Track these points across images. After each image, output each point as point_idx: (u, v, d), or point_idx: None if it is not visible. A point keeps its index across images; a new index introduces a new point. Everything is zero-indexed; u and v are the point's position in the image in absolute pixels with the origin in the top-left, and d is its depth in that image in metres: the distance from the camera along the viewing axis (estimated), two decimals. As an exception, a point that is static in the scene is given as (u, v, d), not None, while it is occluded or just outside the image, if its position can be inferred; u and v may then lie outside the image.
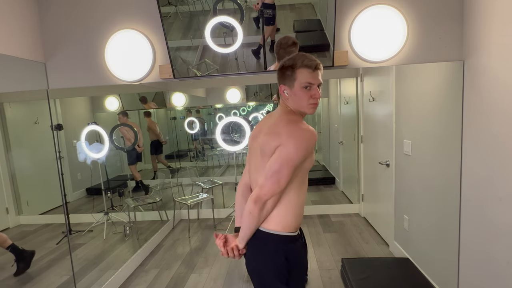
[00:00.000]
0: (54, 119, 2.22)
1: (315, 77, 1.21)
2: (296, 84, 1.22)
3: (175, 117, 4.72)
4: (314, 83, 1.21)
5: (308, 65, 1.20)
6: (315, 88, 1.22)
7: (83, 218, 3.51)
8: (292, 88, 1.23)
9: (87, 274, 2.68)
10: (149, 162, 4.64)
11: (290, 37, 1.29)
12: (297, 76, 1.21)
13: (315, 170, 5.17)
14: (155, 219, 3.88)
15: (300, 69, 1.20)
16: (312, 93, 1.22)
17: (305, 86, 1.21)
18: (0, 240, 2.59)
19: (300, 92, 1.22)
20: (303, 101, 1.23)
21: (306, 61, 1.20)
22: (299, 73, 1.20)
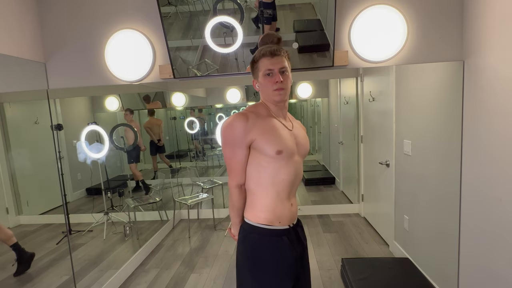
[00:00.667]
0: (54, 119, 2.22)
1: (274, 62, 1.23)
2: (260, 74, 1.27)
3: (175, 117, 4.72)
4: (274, 68, 1.23)
5: (265, 53, 1.24)
6: (276, 73, 1.23)
7: (83, 218, 3.51)
8: (258, 79, 1.28)
9: (87, 274, 2.68)
10: (149, 162, 4.64)
11: (273, 34, 1.31)
12: (259, 66, 1.26)
13: (315, 170, 5.17)
14: (155, 219, 3.88)
15: (260, 59, 1.25)
16: (274, 78, 1.24)
17: (267, 74, 1.25)
18: (6, 236, 2.59)
19: (263, 80, 1.26)
20: (268, 88, 1.26)
21: (263, 50, 1.25)
22: (260, 63, 1.25)
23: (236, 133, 1.22)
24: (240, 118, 1.23)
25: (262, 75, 1.26)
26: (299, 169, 1.33)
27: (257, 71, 1.27)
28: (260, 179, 1.26)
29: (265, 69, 1.24)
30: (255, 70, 1.29)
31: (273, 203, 1.27)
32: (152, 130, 4.45)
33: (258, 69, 1.27)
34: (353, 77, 3.80)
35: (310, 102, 5.49)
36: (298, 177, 1.33)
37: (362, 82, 3.62)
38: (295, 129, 1.36)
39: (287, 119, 1.37)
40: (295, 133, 1.34)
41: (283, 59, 1.25)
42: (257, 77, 1.29)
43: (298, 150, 1.33)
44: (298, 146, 1.33)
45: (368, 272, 2.34)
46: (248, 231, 1.29)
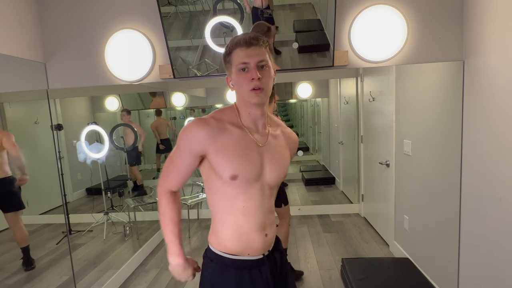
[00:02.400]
0: (54, 119, 2.22)
1: (250, 54, 0.96)
2: (233, 69, 0.99)
3: (175, 117, 4.72)
4: (249, 61, 0.96)
5: (238, 42, 0.97)
6: (252, 68, 0.96)
7: (83, 218, 3.51)
8: (231, 75, 1.01)
9: (87, 274, 2.68)
10: (149, 162, 4.64)
11: (264, 23, 1.13)
12: (232, 59, 0.99)
13: (315, 170, 5.17)
14: (155, 219, 3.88)
15: (233, 50, 0.98)
16: (249, 74, 0.96)
17: (241, 68, 0.97)
18: (23, 236, 2.67)
19: (237, 77, 0.99)
20: (242, 88, 0.98)
21: (237, 39, 0.98)
22: (233, 56, 0.98)
23: (188, 139, 1.01)
24: (198, 125, 0.99)
25: (236, 71, 0.98)
26: (264, 199, 1.06)
27: (230, 65, 1.00)
28: (217, 202, 1.07)
29: (238, 63, 0.97)
30: (227, 64, 1.01)
31: (236, 234, 1.05)
32: (158, 130, 4.46)
33: (231, 63, 0.99)
34: (353, 77, 3.79)
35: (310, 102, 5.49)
36: (264, 208, 1.06)
37: (362, 82, 3.62)
38: (270, 145, 1.07)
39: (264, 129, 1.07)
40: (268, 151, 1.05)
41: (262, 50, 0.97)
42: (231, 73, 1.01)
43: (265, 175, 1.04)
44: (266, 169, 1.04)
45: (368, 272, 2.34)
46: (210, 257, 1.09)
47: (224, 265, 1.06)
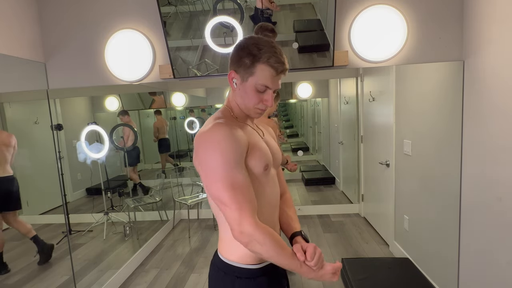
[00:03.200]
0: (54, 119, 2.22)
1: (275, 82, 0.95)
2: (251, 81, 0.95)
3: (175, 117, 4.72)
4: (272, 88, 0.96)
5: (274, 66, 0.93)
6: (269, 93, 0.96)
7: (83, 218, 3.51)
8: (245, 82, 0.96)
9: (87, 274, 2.68)
10: (149, 162, 4.64)
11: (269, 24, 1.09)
12: (256, 71, 0.93)
13: (315, 170, 5.17)
14: (155, 219, 3.88)
15: (262, 65, 0.93)
16: (265, 97, 0.96)
17: (259, 90, 0.95)
18: (26, 230, 2.73)
19: (251, 91, 0.96)
20: (250, 102, 0.97)
21: (273, 59, 0.92)
22: (259, 69, 0.93)
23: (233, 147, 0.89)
24: (227, 127, 0.91)
25: (253, 86, 0.95)
26: (277, 184, 1.08)
27: (249, 72, 0.94)
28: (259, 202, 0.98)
29: (262, 84, 0.94)
30: (245, 66, 0.94)
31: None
32: (160, 130, 4.48)
33: (252, 72, 0.94)
34: (353, 77, 3.79)
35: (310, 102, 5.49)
36: (278, 195, 1.08)
37: (362, 82, 3.62)
38: (264, 135, 1.10)
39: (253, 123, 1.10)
40: (266, 140, 1.08)
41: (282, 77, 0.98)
42: (244, 78, 0.95)
43: (274, 162, 1.06)
44: (273, 156, 1.05)
45: (368, 272, 2.34)
46: (224, 271, 1.01)
47: (240, 278, 0.98)
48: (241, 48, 0.96)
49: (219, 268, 1.02)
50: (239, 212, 0.86)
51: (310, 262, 0.89)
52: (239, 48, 0.97)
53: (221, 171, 0.87)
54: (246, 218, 0.86)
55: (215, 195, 0.89)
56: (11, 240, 2.76)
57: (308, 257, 0.89)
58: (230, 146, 0.88)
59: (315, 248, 0.91)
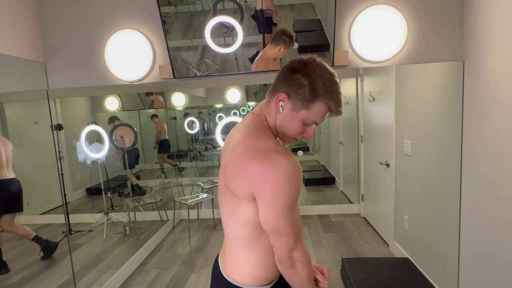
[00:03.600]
0: (54, 119, 2.22)
1: (324, 118, 0.94)
2: (303, 114, 0.90)
3: (175, 117, 4.72)
4: (319, 123, 0.94)
5: (333, 109, 0.91)
6: (314, 128, 0.95)
7: (83, 218, 3.51)
8: (295, 112, 0.91)
9: (87, 274, 2.68)
10: (149, 162, 4.64)
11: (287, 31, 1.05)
12: (314, 107, 0.90)
13: (315, 170, 5.17)
14: (155, 219, 3.88)
15: (322, 103, 0.90)
16: (308, 131, 0.95)
17: (308, 124, 0.93)
18: (26, 232, 2.75)
19: (298, 122, 0.92)
20: (293, 131, 0.94)
21: (335, 102, 0.90)
22: (317, 106, 0.90)
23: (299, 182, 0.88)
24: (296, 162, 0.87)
25: (302, 118, 0.91)
26: None
27: (304, 104, 0.89)
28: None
29: (313, 119, 0.91)
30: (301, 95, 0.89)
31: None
32: (162, 130, 4.49)
33: (307, 106, 0.89)
34: (353, 77, 3.79)
35: (310, 102, 5.48)
36: None
37: (362, 82, 3.62)
38: None
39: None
40: None
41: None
42: (297, 107, 0.90)
43: None
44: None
45: (368, 272, 2.34)
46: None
47: None
48: (304, 75, 0.89)
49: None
50: (296, 240, 0.89)
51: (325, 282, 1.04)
52: (301, 73, 0.89)
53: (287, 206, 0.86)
54: (298, 245, 0.90)
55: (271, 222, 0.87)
56: (11, 240, 2.76)
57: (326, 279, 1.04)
58: (299, 183, 0.87)
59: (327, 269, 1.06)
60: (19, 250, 2.85)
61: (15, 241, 2.80)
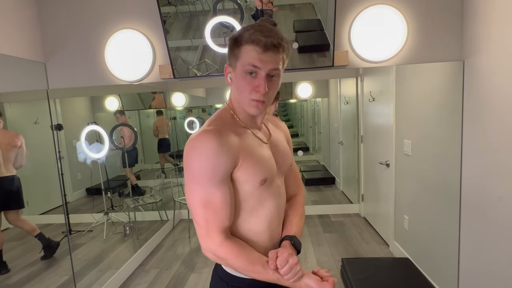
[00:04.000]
0: (54, 119, 2.22)
1: (264, 60, 0.82)
2: (238, 66, 0.85)
3: (175, 117, 4.72)
4: (262, 67, 0.82)
5: (256, 40, 0.81)
6: (262, 77, 0.83)
7: (83, 218, 3.51)
8: (235, 71, 0.87)
9: (87, 274, 2.68)
10: (149, 162, 4.64)
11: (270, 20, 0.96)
12: (241, 54, 0.83)
13: (315, 170, 5.17)
14: (155, 219, 3.88)
15: (246, 45, 0.83)
16: (256, 83, 0.83)
17: (248, 72, 0.83)
18: (31, 228, 2.78)
19: (241, 78, 0.85)
20: (244, 93, 0.86)
21: (257, 34, 0.81)
22: (244, 51, 0.83)
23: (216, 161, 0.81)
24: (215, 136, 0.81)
25: (242, 71, 0.84)
26: (281, 198, 0.99)
27: (236, 59, 0.85)
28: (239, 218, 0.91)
29: (248, 64, 0.83)
30: (233, 54, 0.86)
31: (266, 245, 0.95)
32: (159, 129, 4.49)
33: (238, 56, 0.84)
34: (353, 77, 3.79)
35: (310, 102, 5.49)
36: (283, 206, 1.01)
37: (362, 82, 3.62)
38: (272, 137, 1.00)
39: (261, 125, 0.99)
40: (273, 144, 0.99)
41: (279, 57, 0.84)
42: (234, 66, 0.86)
43: (278, 170, 0.97)
44: (278, 164, 0.96)
45: (368, 272, 2.34)
46: (226, 281, 0.94)
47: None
48: (230, 41, 0.88)
49: (221, 278, 0.97)
50: (205, 230, 0.84)
51: (280, 270, 0.82)
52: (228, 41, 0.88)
53: (198, 186, 0.83)
54: (211, 237, 0.84)
55: (189, 205, 0.88)
56: (11, 240, 2.76)
57: (278, 264, 0.82)
58: (213, 161, 0.81)
59: (289, 255, 0.82)
60: (19, 250, 2.85)
61: (15, 241, 2.80)
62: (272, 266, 0.83)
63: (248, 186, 0.88)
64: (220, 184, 0.83)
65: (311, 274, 0.88)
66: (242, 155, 0.86)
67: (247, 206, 0.90)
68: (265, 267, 0.85)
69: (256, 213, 0.92)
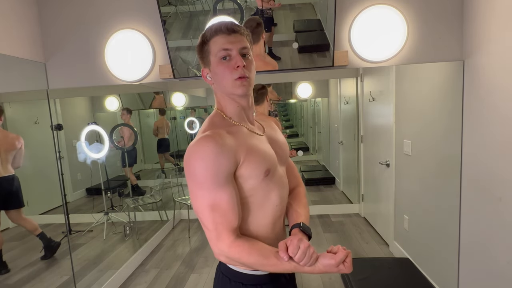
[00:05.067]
0: (54, 119, 2.22)
1: (232, 41, 0.89)
2: (213, 59, 0.91)
3: (175, 117, 4.72)
4: (232, 48, 0.89)
5: (219, 29, 0.90)
6: (236, 55, 0.89)
7: (83, 218, 3.51)
8: (211, 66, 0.93)
9: (87, 274, 2.68)
10: (149, 162, 4.64)
11: (254, 18, 1.02)
12: (211, 47, 0.91)
13: (315, 170, 5.17)
14: (155, 219, 3.88)
15: (212, 39, 0.91)
16: (232, 63, 0.89)
17: (222, 57, 0.89)
18: (33, 227, 2.79)
19: (218, 67, 0.90)
20: (225, 78, 0.90)
21: (214, 26, 0.91)
22: (212, 44, 0.91)
23: (219, 164, 0.83)
24: (214, 140, 0.84)
25: (216, 60, 0.90)
26: (285, 183, 1.02)
27: (208, 54, 0.92)
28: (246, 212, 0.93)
29: (219, 49, 0.89)
30: (205, 54, 0.93)
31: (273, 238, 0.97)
32: (159, 129, 4.49)
33: (208, 52, 0.91)
34: (353, 77, 3.79)
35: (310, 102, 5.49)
36: (286, 196, 1.02)
37: (362, 82, 3.62)
38: (266, 131, 1.04)
39: (254, 122, 1.03)
40: (268, 136, 1.02)
41: (243, 39, 0.91)
42: (208, 64, 0.93)
43: (279, 160, 1.00)
44: (277, 154, 1.00)
45: (368, 272, 2.34)
46: (229, 277, 0.96)
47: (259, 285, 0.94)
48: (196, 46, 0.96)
49: (224, 274, 0.98)
50: (215, 233, 0.85)
51: (295, 258, 0.84)
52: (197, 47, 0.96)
53: (204, 191, 0.84)
54: (222, 239, 0.85)
55: (196, 212, 0.89)
56: (11, 240, 2.76)
57: (290, 253, 0.83)
58: (215, 163, 0.83)
59: (299, 241, 0.84)
60: (19, 250, 2.85)
61: (15, 241, 2.80)
62: (285, 257, 0.84)
63: (253, 181, 0.90)
64: (224, 185, 0.84)
65: (325, 253, 0.89)
66: (242, 151, 0.88)
67: (254, 201, 0.92)
68: (279, 258, 0.85)
69: (263, 207, 0.93)
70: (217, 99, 0.99)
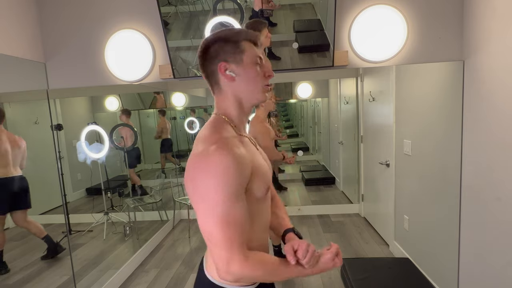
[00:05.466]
0: (54, 119, 2.22)
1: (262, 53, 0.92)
2: (246, 59, 0.87)
3: (175, 117, 4.72)
4: (263, 59, 0.91)
5: (251, 38, 0.89)
6: (268, 65, 0.91)
7: (83, 218, 3.51)
8: (241, 64, 0.87)
9: (87, 274, 2.68)
10: (149, 162, 4.64)
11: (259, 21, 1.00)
12: (246, 49, 0.88)
13: (315, 170, 5.17)
14: (155, 219, 3.88)
15: (243, 41, 0.88)
16: (266, 69, 0.90)
17: (257, 63, 0.89)
18: (38, 230, 2.79)
19: (251, 69, 0.87)
20: (257, 82, 0.88)
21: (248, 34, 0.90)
22: (248, 46, 0.88)
23: (236, 175, 0.78)
24: (231, 151, 0.79)
25: (251, 63, 0.87)
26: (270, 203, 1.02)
27: (241, 53, 0.87)
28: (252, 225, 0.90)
29: (256, 55, 0.88)
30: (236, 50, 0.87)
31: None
32: (163, 130, 4.49)
33: (243, 50, 0.87)
34: (353, 77, 3.79)
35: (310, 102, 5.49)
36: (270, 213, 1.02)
37: (362, 82, 3.62)
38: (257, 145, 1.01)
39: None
40: (260, 151, 0.99)
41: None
42: (238, 61, 0.87)
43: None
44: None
45: (368, 272, 2.34)
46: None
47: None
48: (214, 41, 0.88)
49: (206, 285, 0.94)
50: (229, 251, 0.78)
51: (303, 260, 0.83)
52: (213, 42, 0.89)
53: (219, 208, 0.77)
54: (234, 257, 0.79)
55: (204, 229, 0.81)
56: (11, 240, 2.76)
57: (300, 256, 0.83)
58: (234, 178, 0.77)
59: (308, 245, 0.84)
60: (19, 250, 2.85)
61: (15, 241, 2.80)
62: (292, 261, 0.83)
63: (257, 196, 0.87)
64: (240, 199, 0.79)
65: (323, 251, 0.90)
66: (252, 164, 0.84)
67: (258, 214, 0.90)
68: (286, 265, 0.85)
69: (260, 220, 0.92)
70: (223, 101, 0.92)
